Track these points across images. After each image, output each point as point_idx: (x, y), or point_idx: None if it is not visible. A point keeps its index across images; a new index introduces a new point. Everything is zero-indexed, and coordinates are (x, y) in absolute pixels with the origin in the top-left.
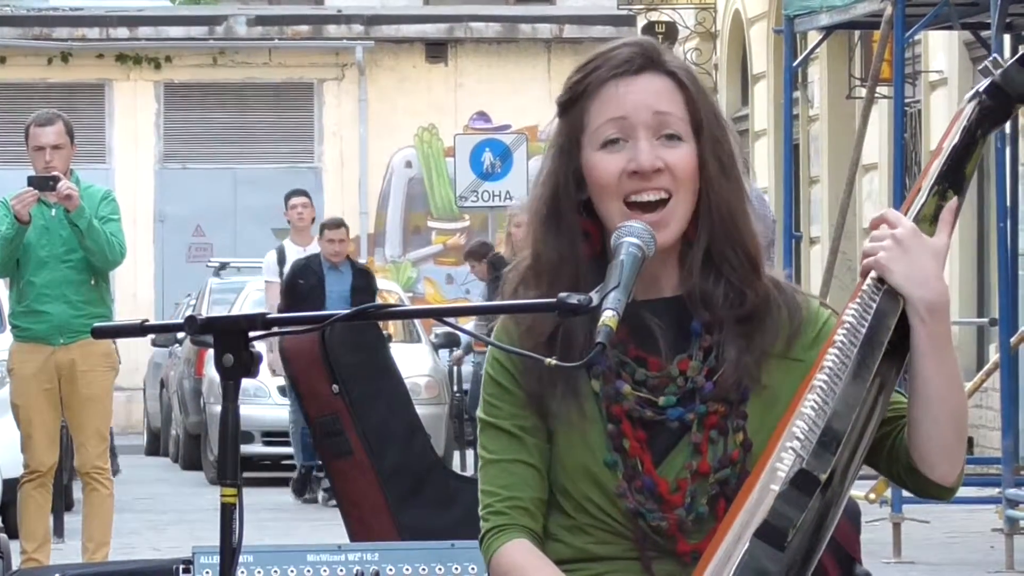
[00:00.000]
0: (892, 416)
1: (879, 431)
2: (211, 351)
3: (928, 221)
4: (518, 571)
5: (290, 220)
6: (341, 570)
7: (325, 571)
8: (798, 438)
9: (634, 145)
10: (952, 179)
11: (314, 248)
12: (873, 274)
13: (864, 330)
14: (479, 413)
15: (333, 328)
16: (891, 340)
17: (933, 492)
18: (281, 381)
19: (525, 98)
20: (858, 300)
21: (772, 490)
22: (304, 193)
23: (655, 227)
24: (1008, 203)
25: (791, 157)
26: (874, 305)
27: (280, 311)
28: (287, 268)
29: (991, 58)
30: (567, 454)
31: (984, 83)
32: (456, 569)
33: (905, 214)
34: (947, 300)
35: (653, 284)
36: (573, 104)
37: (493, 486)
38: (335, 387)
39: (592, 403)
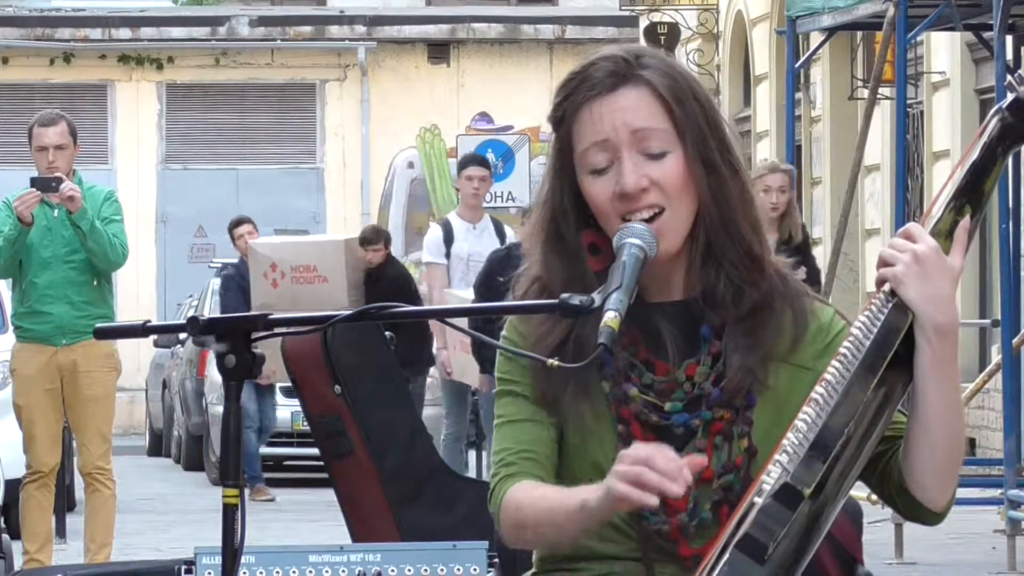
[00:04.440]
0: (890, 435)
1: (875, 448)
2: (213, 352)
3: (943, 236)
4: (523, 496)
5: (460, 191)
6: (343, 571)
7: (327, 572)
8: (787, 451)
9: (618, 167)
10: (970, 195)
11: (486, 226)
12: (886, 286)
13: (868, 343)
14: (495, 390)
15: (335, 329)
16: (899, 351)
17: (921, 515)
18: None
19: (527, 99)
20: (867, 312)
21: (756, 503)
22: (483, 163)
23: None
24: (1010, 204)
25: (793, 158)
26: (882, 318)
27: None
28: (455, 248)
29: (1016, 75)
30: (579, 452)
31: (1007, 99)
32: (458, 570)
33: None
34: (956, 324)
35: (665, 286)
36: (559, 125)
37: (507, 441)
38: (337, 388)
39: (603, 403)
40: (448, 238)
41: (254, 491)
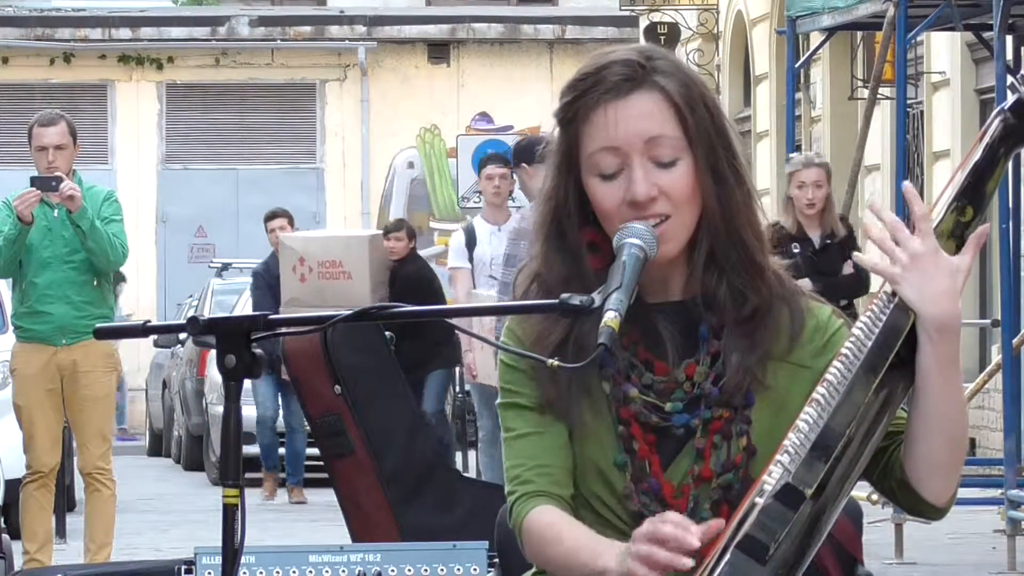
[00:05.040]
0: (891, 431)
1: (878, 445)
2: (213, 352)
3: (945, 237)
4: (550, 533)
5: (483, 193)
6: (343, 571)
7: (327, 572)
8: (788, 452)
9: (629, 174)
10: (972, 196)
11: (512, 227)
12: (887, 287)
13: (870, 343)
14: (498, 402)
15: (335, 329)
16: (900, 353)
17: (923, 510)
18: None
19: (527, 99)
20: (869, 313)
21: (757, 503)
22: (502, 160)
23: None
24: (1010, 204)
25: None
26: (884, 318)
27: None
28: (477, 251)
29: (1019, 76)
30: (579, 452)
31: (1010, 100)
32: (458, 570)
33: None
34: (958, 321)
35: (663, 287)
36: (568, 123)
37: (519, 457)
38: (337, 388)
39: (604, 404)
40: (470, 242)
41: (265, 486)
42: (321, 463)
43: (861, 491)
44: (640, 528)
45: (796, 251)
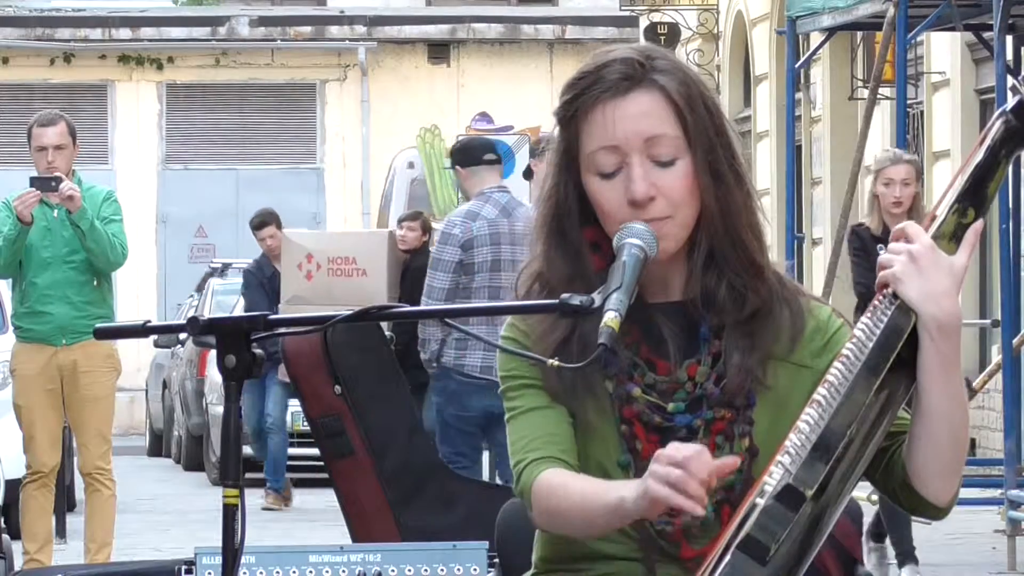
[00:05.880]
0: (893, 431)
1: (879, 445)
2: (213, 352)
3: (947, 239)
4: (559, 481)
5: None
6: (343, 571)
7: (327, 572)
8: (789, 452)
9: (628, 173)
10: (973, 198)
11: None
12: (888, 288)
13: (872, 344)
14: (502, 388)
15: (335, 329)
16: (902, 355)
17: (925, 510)
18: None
19: (527, 99)
20: (869, 314)
21: (758, 504)
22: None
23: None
24: (1011, 204)
25: (793, 158)
26: (885, 319)
27: None
28: None
29: (1020, 77)
30: (583, 451)
31: (1011, 102)
32: (458, 570)
33: (925, 229)
34: (958, 320)
35: (664, 286)
36: (568, 122)
37: (527, 428)
38: (337, 388)
39: (607, 402)
40: None
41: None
42: (321, 463)
43: (861, 491)
44: (665, 450)
45: (881, 251)
